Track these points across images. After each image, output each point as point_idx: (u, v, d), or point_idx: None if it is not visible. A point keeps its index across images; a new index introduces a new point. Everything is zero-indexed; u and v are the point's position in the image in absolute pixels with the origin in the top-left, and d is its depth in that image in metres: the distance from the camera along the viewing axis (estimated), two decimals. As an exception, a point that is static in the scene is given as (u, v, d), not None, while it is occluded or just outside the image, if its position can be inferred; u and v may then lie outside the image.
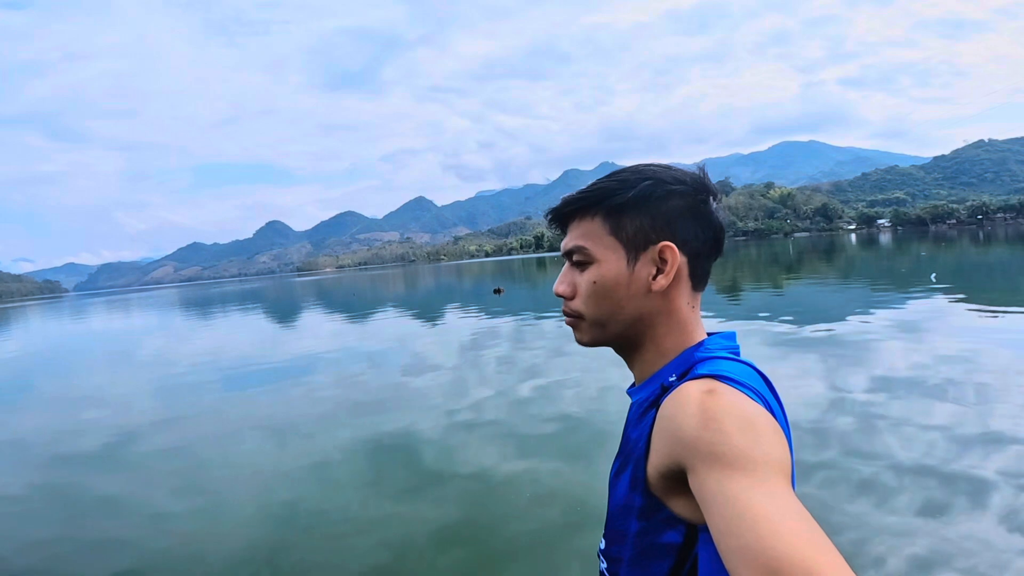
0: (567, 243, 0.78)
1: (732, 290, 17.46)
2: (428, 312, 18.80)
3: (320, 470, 4.83)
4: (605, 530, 0.77)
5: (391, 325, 15.87)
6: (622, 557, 0.71)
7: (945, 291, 13.08)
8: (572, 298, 0.77)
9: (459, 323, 14.45)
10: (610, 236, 0.74)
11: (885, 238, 78.80)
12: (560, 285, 0.79)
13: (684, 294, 0.74)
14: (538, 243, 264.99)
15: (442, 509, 3.88)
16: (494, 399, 6.47)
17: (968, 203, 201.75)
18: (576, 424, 5.34)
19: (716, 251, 0.76)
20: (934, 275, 17.10)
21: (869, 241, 66.95)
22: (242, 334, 17.05)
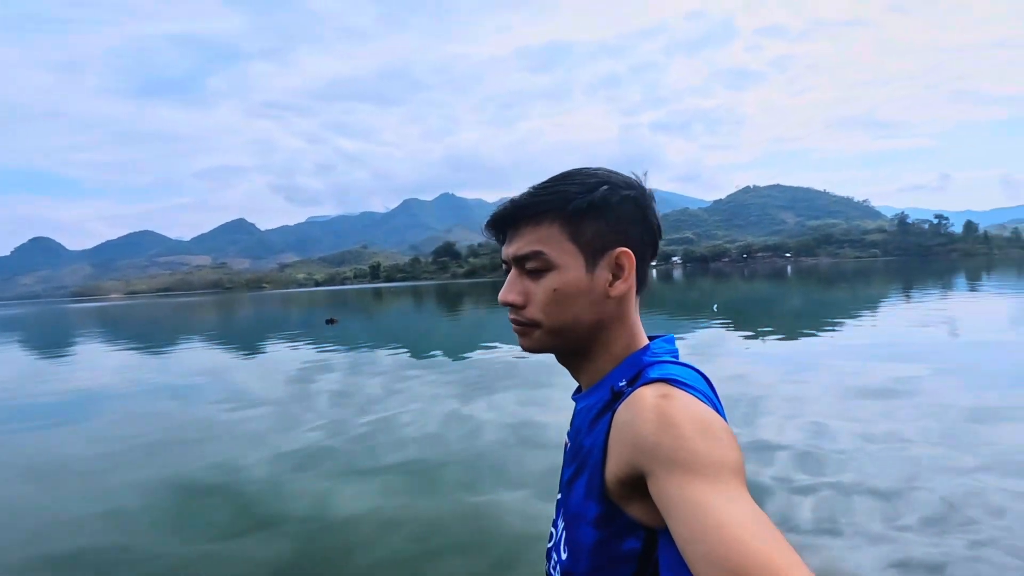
0: (516, 249, 0.74)
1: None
2: (247, 343, 16.95)
3: (112, 514, 4.10)
4: (556, 544, 0.76)
5: (200, 357, 13.99)
6: (576, 571, 0.69)
7: (722, 320, 15.76)
8: (524, 307, 0.74)
9: (286, 355, 13.24)
10: (569, 242, 0.72)
11: (677, 273, 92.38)
12: (510, 294, 0.75)
13: (633, 298, 0.76)
14: (374, 273, 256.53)
15: (274, 548, 3.51)
16: (328, 434, 6.06)
17: (738, 243, 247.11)
18: (419, 456, 5.24)
19: (654, 254, 0.79)
20: (716, 305, 20.50)
21: (666, 276, 77.69)
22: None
